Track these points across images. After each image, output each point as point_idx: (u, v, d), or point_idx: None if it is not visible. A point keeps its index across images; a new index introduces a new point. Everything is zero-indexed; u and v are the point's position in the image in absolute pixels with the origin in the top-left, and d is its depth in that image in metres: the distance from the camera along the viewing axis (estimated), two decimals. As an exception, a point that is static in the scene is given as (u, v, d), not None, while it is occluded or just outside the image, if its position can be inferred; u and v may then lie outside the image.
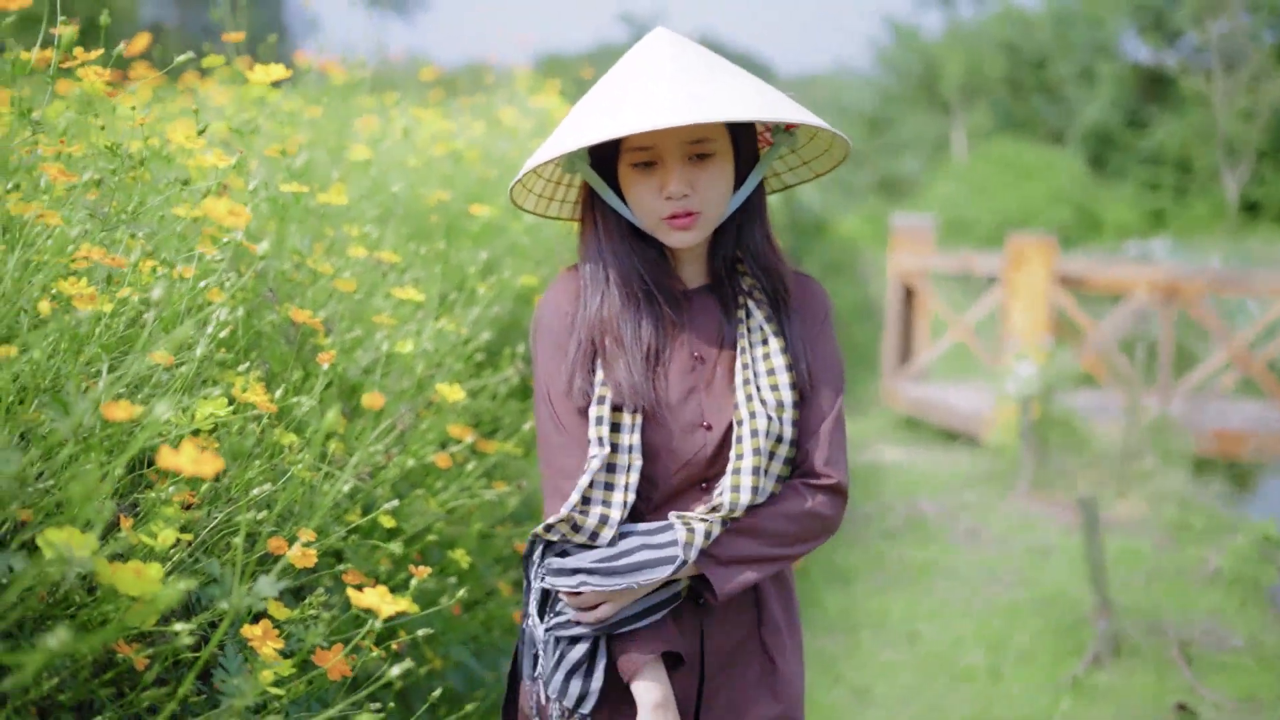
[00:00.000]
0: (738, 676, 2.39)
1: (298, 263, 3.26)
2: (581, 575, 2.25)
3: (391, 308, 3.50)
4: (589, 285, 2.35)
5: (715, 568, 2.24)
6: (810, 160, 2.50)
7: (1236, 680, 5.39)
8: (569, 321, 2.35)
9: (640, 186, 2.26)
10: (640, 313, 2.32)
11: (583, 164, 2.33)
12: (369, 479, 3.06)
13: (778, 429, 2.26)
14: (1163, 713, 5.04)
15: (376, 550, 2.95)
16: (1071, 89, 34.71)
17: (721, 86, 2.17)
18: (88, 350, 2.09)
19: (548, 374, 2.35)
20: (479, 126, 5.86)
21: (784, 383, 2.30)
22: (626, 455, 2.25)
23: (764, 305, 2.36)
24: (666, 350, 2.33)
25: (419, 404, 3.40)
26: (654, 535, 2.23)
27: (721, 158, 2.27)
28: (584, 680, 2.31)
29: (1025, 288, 10.16)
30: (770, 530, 2.27)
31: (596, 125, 2.15)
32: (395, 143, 4.75)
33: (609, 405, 2.27)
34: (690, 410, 2.31)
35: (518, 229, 4.77)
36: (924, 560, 7.23)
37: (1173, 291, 10.06)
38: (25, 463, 1.80)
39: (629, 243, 2.34)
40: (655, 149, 2.24)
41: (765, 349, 2.33)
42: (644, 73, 2.22)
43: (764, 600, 2.40)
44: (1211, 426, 9.48)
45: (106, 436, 2.00)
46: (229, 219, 1.90)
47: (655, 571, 2.20)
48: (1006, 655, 5.69)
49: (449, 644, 3.50)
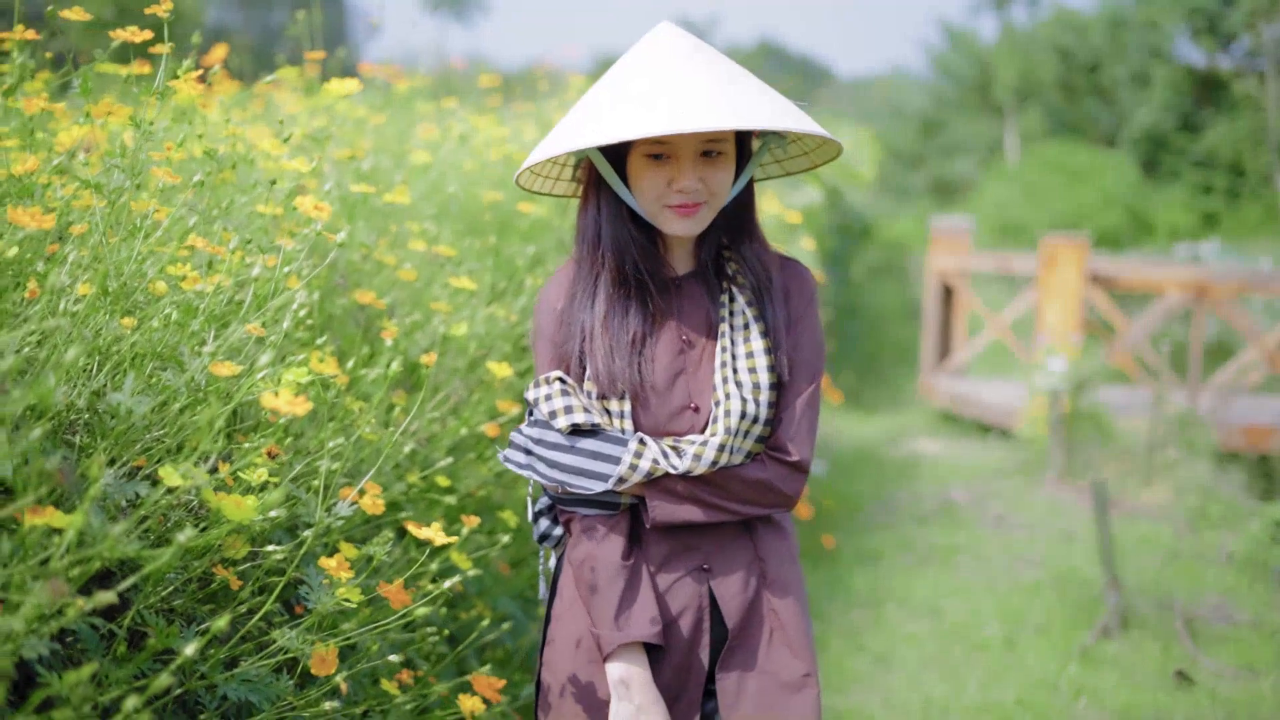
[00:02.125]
0: (751, 637, 2.49)
1: (365, 254, 3.69)
2: (532, 458, 2.46)
3: (448, 296, 3.91)
4: (583, 269, 2.48)
5: (657, 496, 2.40)
6: (784, 160, 2.63)
7: (1237, 651, 5.74)
8: (559, 317, 2.49)
9: (649, 177, 2.37)
10: (630, 299, 2.44)
11: (594, 151, 2.43)
12: (426, 444, 3.49)
13: (754, 410, 2.38)
14: (1164, 680, 5.39)
15: (434, 505, 3.36)
16: (1124, 92, 34.64)
17: (745, 91, 2.30)
18: (191, 323, 2.51)
19: (542, 367, 2.52)
20: (531, 132, 6.27)
21: (762, 365, 2.42)
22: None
23: (747, 290, 2.47)
24: (654, 335, 2.45)
25: (471, 381, 3.82)
26: (607, 445, 2.40)
27: (728, 156, 2.40)
28: (550, 524, 2.59)
29: (1058, 287, 10.48)
30: (722, 485, 2.40)
31: (632, 119, 2.24)
32: (452, 148, 5.16)
33: (595, 396, 2.43)
34: (678, 393, 2.44)
35: (564, 226, 5.18)
36: (951, 544, 7.59)
37: (1202, 291, 10.36)
38: (146, 410, 2.23)
39: (627, 227, 2.43)
40: (671, 145, 2.34)
41: (746, 333, 2.44)
42: (671, 69, 2.32)
43: (765, 558, 2.51)
44: (1240, 422, 9.73)
45: (212, 391, 2.42)
46: (314, 212, 2.32)
47: (589, 481, 2.38)
48: (1022, 628, 6.05)
49: (498, 597, 3.91)
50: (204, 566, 2.37)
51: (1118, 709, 5.08)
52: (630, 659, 2.39)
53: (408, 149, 4.90)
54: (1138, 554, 7.16)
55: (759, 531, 2.52)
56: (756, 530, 2.52)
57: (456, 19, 51.09)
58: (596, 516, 2.44)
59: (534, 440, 2.47)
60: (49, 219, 2.18)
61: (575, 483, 2.41)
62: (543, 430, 2.45)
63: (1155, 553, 7.30)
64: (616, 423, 2.42)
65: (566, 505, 2.47)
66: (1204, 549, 7.43)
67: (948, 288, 12.50)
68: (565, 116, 2.46)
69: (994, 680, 5.40)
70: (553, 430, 2.44)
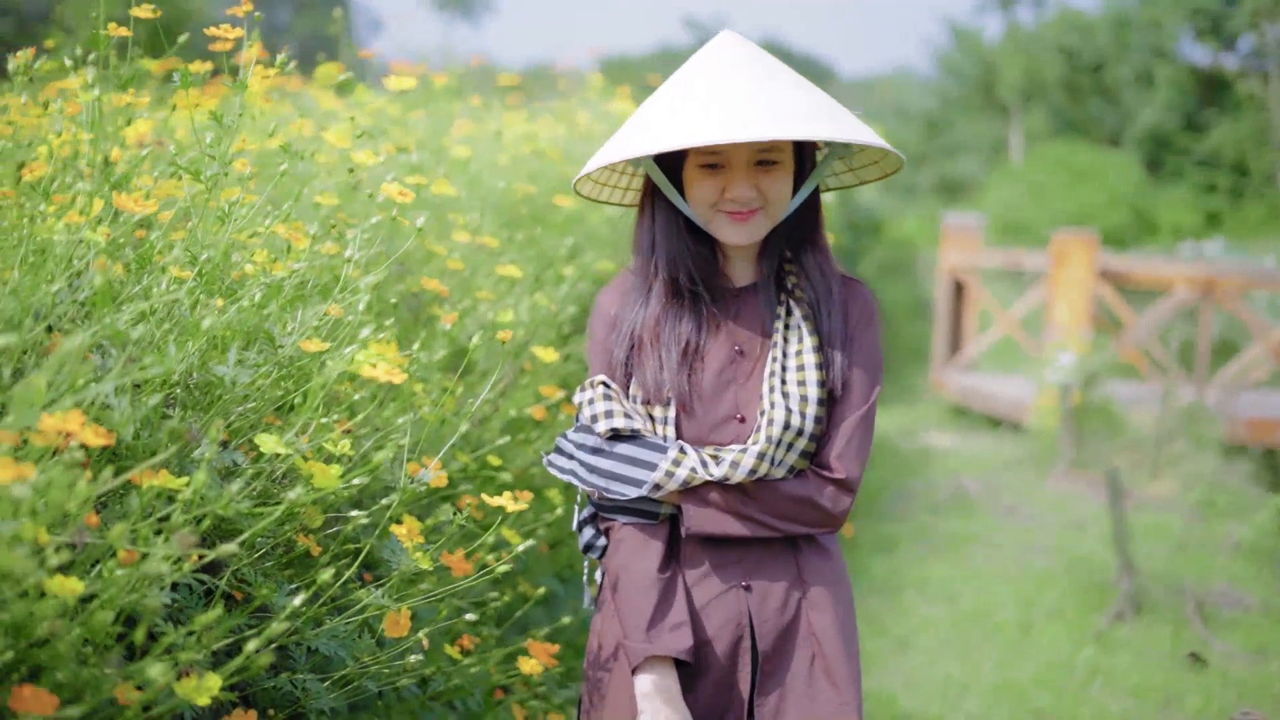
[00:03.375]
0: (790, 661, 2.43)
1: (417, 244, 3.85)
2: (574, 463, 2.45)
3: (492, 285, 4.07)
4: (638, 279, 2.47)
5: (694, 505, 2.36)
6: (858, 168, 2.59)
7: (1248, 635, 5.91)
8: (614, 323, 2.47)
9: (703, 185, 2.36)
10: (683, 309, 2.42)
11: (647, 159, 2.41)
12: (479, 425, 3.66)
13: (798, 422, 2.33)
14: (1177, 661, 5.56)
15: (489, 482, 3.52)
16: (1128, 92, 34.74)
17: (798, 100, 2.27)
18: (271, 304, 2.66)
19: (591, 372, 2.51)
20: (560, 128, 6.43)
21: (811, 379, 2.37)
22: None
23: (804, 304, 2.44)
24: (706, 345, 2.42)
25: (516, 366, 3.98)
26: (645, 451, 2.38)
27: (785, 166, 2.37)
28: (594, 534, 2.53)
29: (1068, 282, 10.64)
30: (762, 498, 2.35)
31: (680, 129, 2.23)
32: (488, 143, 5.32)
33: (640, 402, 2.42)
34: (725, 403, 2.41)
35: (596, 220, 5.34)
36: (966, 532, 7.76)
37: (1210, 287, 10.51)
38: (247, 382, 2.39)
39: (683, 238, 2.42)
40: (724, 154, 2.34)
41: (799, 345, 2.40)
42: (723, 79, 2.31)
43: (808, 580, 2.45)
44: (1246, 415, 9.88)
45: (298, 368, 2.58)
46: (399, 197, 2.48)
47: (624, 487, 2.36)
48: (1036, 612, 6.22)
49: (539, 575, 4.07)
50: (290, 533, 2.53)
51: (1132, 689, 5.24)
52: (658, 671, 2.32)
53: (445, 144, 5.06)
54: (1148, 542, 7.32)
55: (803, 551, 2.46)
56: (801, 550, 2.46)
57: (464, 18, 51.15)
58: (635, 524, 2.42)
59: (576, 445, 2.46)
60: (151, 204, 2.34)
61: (611, 487, 2.38)
62: (584, 435, 2.44)
63: (1165, 541, 7.47)
64: (659, 429, 2.40)
65: (607, 513, 2.45)
66: (1212, 538, 7.60)
67: (958, 284, 12.66)
68: (624, 125, 2.45)
69: (1010, 662, 5.56)
70: (594, 434, 2.42)
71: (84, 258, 2.20)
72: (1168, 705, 5.10)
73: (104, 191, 2.29)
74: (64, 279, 2.14)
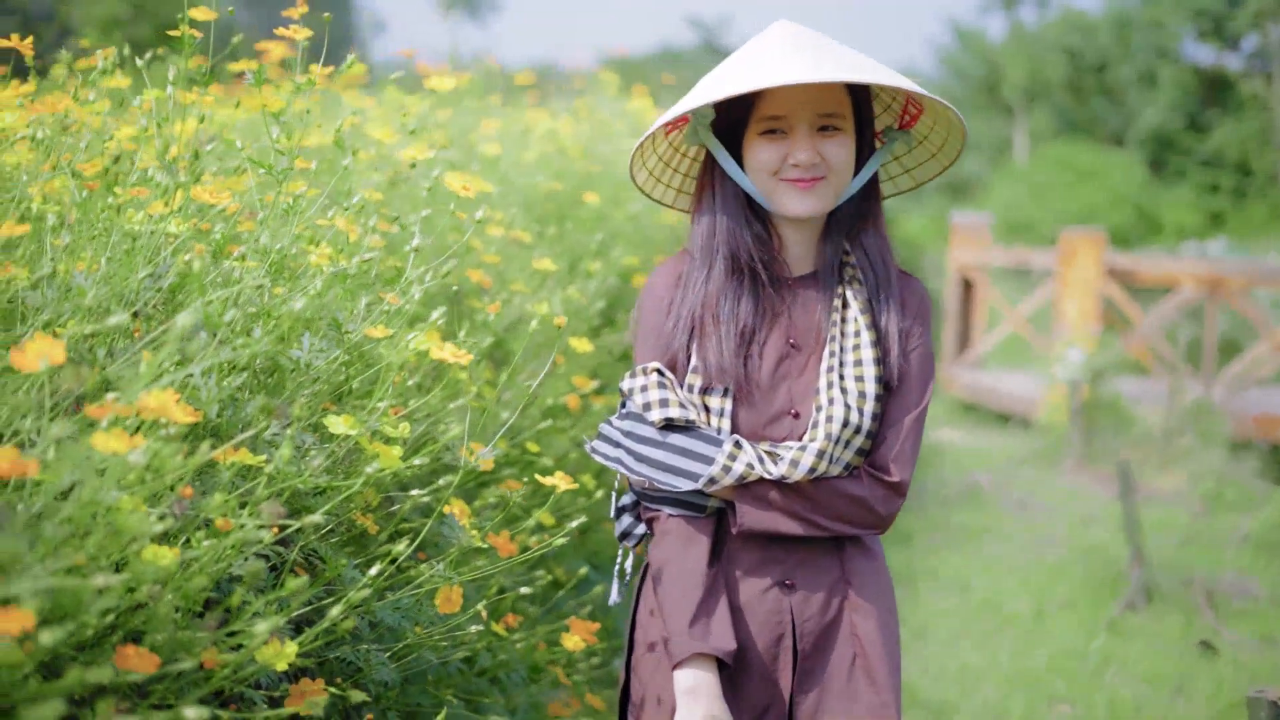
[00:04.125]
0: (830, 660, 2.40)
1: (456, 239, 3.97)
2: (621, 450, 2.38)
3: (525, 278, 4.19)
4: (696, 259, 2.40)
5: (748, 502, 2.31)
6: (914, 168, 2.56)
7: (1256, 624, 6.03)
8: (665, 306, 2.40)
9: (765, 151, 2.30)
10: (741, 290, 2.35)
11: (706, 132, 2.35)
12: (518, 413, 3.78)
13: (856, 419, 2.28)
14: (1188, 649, 5.67)
15: (529, 467, 3.64)
16: (1132, 92, 34.90)
17: (851, 61, 2.24)
18: (328, 294, 2.78)
19: (641, 357, 2.44)
20: (584, 127, 6.56)
21: (869, 375, 2.32)
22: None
23: (861, 297, 2.37)
24: (762, 333, 2.36)
25: (551, 357, 4.11)
26: (700, 444, 2.31)
27: (846, 134, 2.31)
28: (633, 521, 2.50)
29: (1076, 280, 10.78)
30: (817, 498, 2.30)
31: (744, 78, 2.21)
32: (513, 140, 5.45)
33: (699, 390, 2.35)
34: (780, 397, 2.35)
35: (620, 216, 5.47)
36: (977, 525, 7.88)
37: (1217, 284, 10.64)
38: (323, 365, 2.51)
39: (744, 216, 2.36)
40: (786, 118, 2.28)
41: (856, 340, 2.34)
42: (778, 45, 2.28)
43: (851, 579, 2.41)
44: (1253, 411, 9.99)
45: (360, 353, 2.70)
46: (462, 190, 2.59)
47: (678, 479, 2.30)
48: (1049, 602, 6.34)
49: (570, 560, 4.19)
50: (355, 510, 2.65)
51: (1145, 675, 5.36)
52: (700, 667, 2.28)
53: (472, 141, 5.19)
54: (1157, 535, 7.44)
55: (847, 551, 2.41)
56: (845, 550, 2.41)
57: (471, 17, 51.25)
58: (682, 517, 2.36)
59: (624, 433, 2.39)
60: (225, 196, 2.46)
61: (663, 479, 2.32)
62: (634, 423, 2.37)
63: (1174, 534, 7.60)
64: (715, 421, 2.34)
65: (652, 502, 2.39)
66: (1220, 530, 7.73)
67: (967, 282, 12.79)
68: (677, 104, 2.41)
69: (1025, 650, 5.67)
70: (645, 423, 2.36)
71: (169, 247, 2.31)
72: (1179, 691, 5.21)
73: (184, 184, 2.41)
74: (149, 267, 2.26)
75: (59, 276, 2.18)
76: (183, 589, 1.92)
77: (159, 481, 1.77)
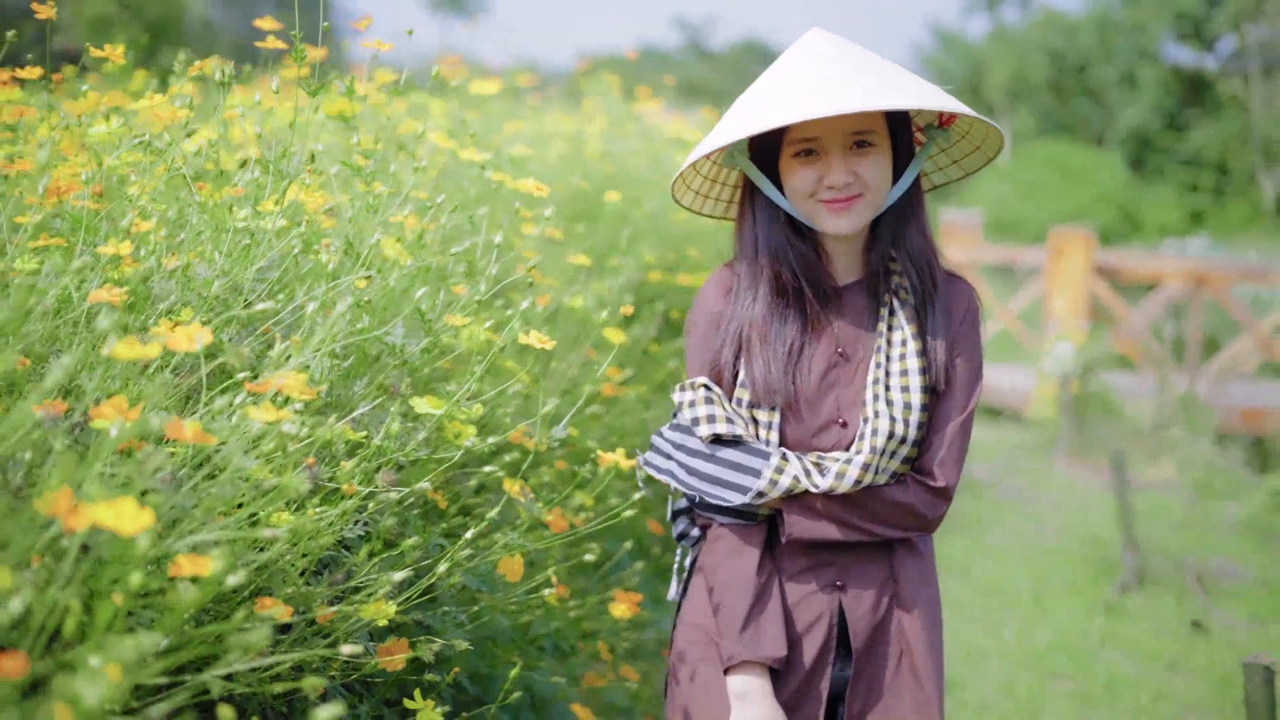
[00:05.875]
0: (878, 658, 2.42)
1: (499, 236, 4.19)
2: (672, 463, 2.43)
3: (558, 273, 4.41)
4: (743, 279, 2.41)
5: (796, 512, 2.34)
6: (961, 159, 2.53)
7: (1246, 605, 6.30)
8: (717, 321, 2.42)
9: (800, 175, 2.30)
10: (788, 308, 2.36)
11: (742, 156, 2.38)
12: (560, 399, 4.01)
13: (902, 431, 2.28)
14: (1182, 629, 5.93)
15: (572, 449, 3.86)
16: (1113, 93, 35.20)
17: (886, 80, 2.22)
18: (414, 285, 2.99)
19: (692, 368, 2.46)
20: (596, 127, 6.78)
21: (915, 385, 2.32)
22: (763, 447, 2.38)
23: (909, 305, 2.37)
24: (810, 346, 2.37)
25: (586, 347, 4.33)
26: (748, 457, 2.34)
27: (881, 149, 2.30)
28: (688, 524, 2.56)
29: (1065, 276, 11.04)
30: (864, 505, 2.31)
31: (771, 111, 2.20)
32: (536, 142, 5.67)
33: (746, 404, 2.38)
34: (827, 407, 2.36)
35: (639, 215, 5.69)
36: (976, 514, 8.13)
37: (1202, 281, 10.91)
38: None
39: (785, 234, 2.37)
40: (818, 140, 2.28)
41: (902, 349, 2.34)
42: (808, 66, 2.28)
43: (899, 579, 2.42)
44: (1237, 405, 10.26)
45: (438, 339, 2.92)
46: (536, 191, 2.80)
47: (727, 493, 2.33)
48: (1049, 586, 6.59)
49: (605, 540, 4.41)
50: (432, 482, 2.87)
51: (1141, 653, 5.61)
52: (751, 672, 2.32)
53: (496, 141, 5.41)
54: (1149, 522, 7.71)
55: (896, 551, 2.42)
56: (894, 549, 2.42)
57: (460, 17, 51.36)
58: (733, 525, 2.39)
59: (675, 445, 2.43)
60: (320, 196, 2.67)
61: (713, 493, 2.35)
62: (684, 436, 2.41)
63: (1165, 521, 7.89)
64: (763, 433, 2.37)
65: (704, 510, 2.43)
66: (1210, 518, 8.01)
67: (957, 279, 13.02)
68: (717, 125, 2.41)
69: (1028, 630, 5.92)
70: (694, 437, 2.39)
71: (280, 243, 2.53)
72: (1174, 667, 5.47)
73: (296, 181, 2.62)
74: (262, 261, 2.48)
75: (181, 270, 2.39)
76: (307, 549, 2.13)
77: (303, 450, 2.00)
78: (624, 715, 3.99)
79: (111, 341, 1.62)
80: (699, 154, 2.32)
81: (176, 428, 1.61)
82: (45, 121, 2.69)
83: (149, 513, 1.38)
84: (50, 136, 2.58)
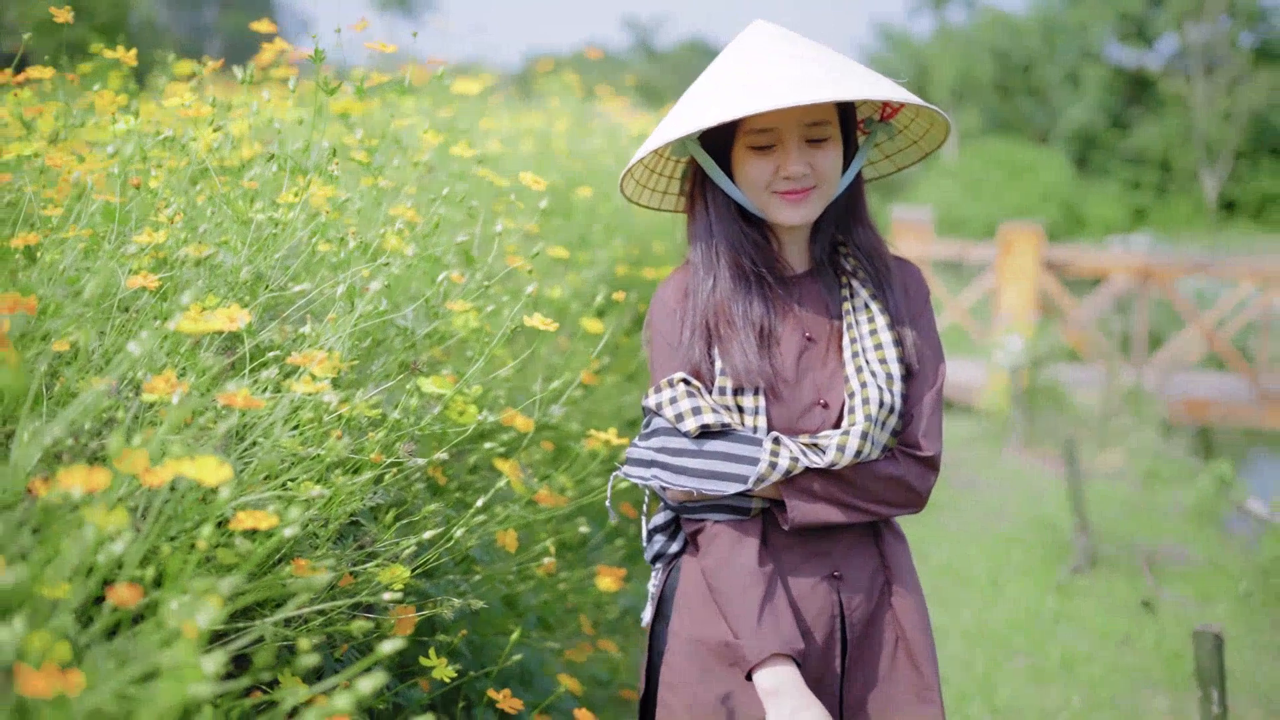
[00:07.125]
0: (875, 646, 2.39)
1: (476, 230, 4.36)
2: (655, 468, 2.33)
3: (535, 264, 4.58)
4: (699, 269, 2.38)
5: (795, 496, 2.28)
6: (895, 154, 2.59)
7: (1193, 585, 6.55)
8: (678, 319, 2.37)
9: (756, 166, 2.29)
10: (751, 293, 2.34)
11: (695, 146, 2.34)
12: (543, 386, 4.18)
13: (889, 399, 2.27)
14: (1132, 608, 6.17)
15: (555, 431, 4.04)
16: (1057, 92, 35.63)
17: (839, 70, 2.21)
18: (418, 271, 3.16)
19: (662, 371, 2.39)
20: (562, 125, 6.96)
21: (891, 356, 2.31)
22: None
23: (868, 284, 2.38)
24: (779, 330, 2.34)
25: (562, 336, 4.50)
26: (740, 446, 2.28)
27: (834, 141, 2.30)
28: (665, 541, 2.49)
29: (1015, 271, 11.30)
30: (859, 483, 2.28)
31: (734, 101, 2.16)
32: (506, 139, 5.84)
33: (730, 393, 2.31)
34: (807, 389, 2.33)
35: (606, 210, 5.87)
36: (933, 500, 8.33)
37: (1148, 275, 11.19)
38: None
39: (738, 224, 2.36)
40: (775, 131, 2.27)
41: (871, 325, 2.34)
42: (764, 57, 2.26)
43: (890, 565, 2.40)
44: (1182, 395, 10.54)
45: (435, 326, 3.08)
46: (534, 184, 2.97)
47: (723, 484, 2.27)
48: (1004, 568, 6.82)
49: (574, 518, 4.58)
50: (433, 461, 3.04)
51: (1094, 631, 5.84)
52: (778, 664, 2.21)
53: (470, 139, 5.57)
54: (1099, 507, 7.96)
55: (884, 538, 2.41)
56: (882, 536, 2.41)
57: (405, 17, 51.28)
58: (728, 522, 2.32)
59: (656, 450, 2.35)
60: (330, 190, 2.84)
61: (708, 486, 2.29)
62: (665, 438, 2.34)
63: (1115, 506, 8.16)
64: (749, 420, 2.30)
65: (694, 513, 2.35)
66: (1158, 503, 8.30)
67: (908, 274, 13.25)
68: (665, 117, 2.38)
69: (984, 610, 6.14)
70: (677, 436, 2.32)
71: (303, 232, 2.69)
72: (1125, 643, 5.70)
73: (323, 173, 2.78)
74: (283, 251, 2.64)
75: (209, 259, 2.55)
76: (335, 514, 2.30)
77: (333, 423, 2.17)
78: (603, 687, 4.16)
79: (177, 318, 1.77)
80: (660, 142, 2.26)
81: (230, 396, 1.75)
82: (61, 119, 2.84)
83: (229, 467, 1.55)
84: (127, 132, 2.72)
